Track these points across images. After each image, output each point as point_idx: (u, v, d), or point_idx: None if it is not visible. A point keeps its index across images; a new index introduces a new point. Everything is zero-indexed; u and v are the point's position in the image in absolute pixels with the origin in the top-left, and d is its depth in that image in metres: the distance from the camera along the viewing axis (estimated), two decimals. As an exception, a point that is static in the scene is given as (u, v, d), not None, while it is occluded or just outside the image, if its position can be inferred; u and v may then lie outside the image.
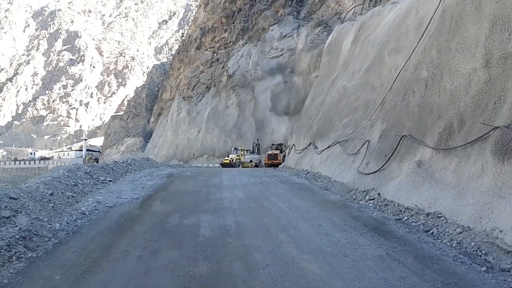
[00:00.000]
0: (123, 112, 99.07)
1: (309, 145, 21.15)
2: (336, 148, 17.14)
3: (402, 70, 13.37)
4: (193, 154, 66.89)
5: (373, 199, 10.11)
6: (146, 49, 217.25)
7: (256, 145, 48.84)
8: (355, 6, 58.99)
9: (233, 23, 69.57)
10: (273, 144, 47.24)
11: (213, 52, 70.36)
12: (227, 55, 68.56)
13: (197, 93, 70.05)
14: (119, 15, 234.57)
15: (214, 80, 68.42)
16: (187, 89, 71.58)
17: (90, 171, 15.26)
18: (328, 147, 17.86)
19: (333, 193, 12.13)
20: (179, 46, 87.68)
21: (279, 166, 30.38)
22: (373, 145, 13.04)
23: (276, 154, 44.61)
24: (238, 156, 42.36)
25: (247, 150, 46.15)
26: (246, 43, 67.12)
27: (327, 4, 63.21)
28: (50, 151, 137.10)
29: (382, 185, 10.50)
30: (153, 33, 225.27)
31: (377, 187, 10.61)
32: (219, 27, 70.19)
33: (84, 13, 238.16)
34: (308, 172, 19.17)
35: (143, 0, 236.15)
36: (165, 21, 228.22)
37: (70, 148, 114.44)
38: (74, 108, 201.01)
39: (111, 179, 15.56)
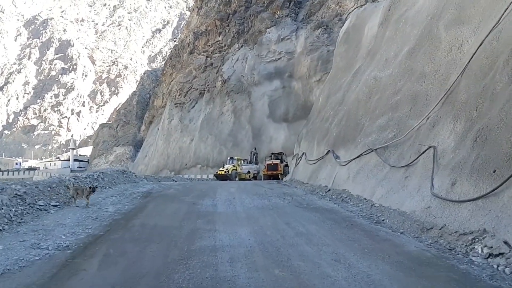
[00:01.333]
0: (112, 120, 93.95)
1: (326, 153, 16.40)
2: (371, 158, 12.41)
3: (486, 44, 8.73)
4: (186, 164, 61.93)
5: (499, 255, 5.32)
6: (139, 58, 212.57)
7: (254, 154, 44.05)
8: (357, 7, 54.85)
9: (228, 26, 65.10)
10: (272, 153, 42.43)
11: (207, 56, 65.76)
12: (221, 59, 63.97)
13: (190, 99, 65.26)
14: (112, 23, 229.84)
15: (208, 85, 63.73)
16: (179, 95, 66.78)
17: (24, 192, 10.36)
18: (359, 156, 13.12)
19: (400, 234, 7.31)
20: (171, 51, 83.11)
21: (283, 178, 25.53)
22: (448, 153, 8.31)
23: (277, 164, 39.80)
24: (234, 166, 37.50)
25: (244, 160, 41.28)
26: (241, 46, 62.62)
27: (327, 5, 59.01)
28: (40, 161, 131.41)
29: (502, 225, 5.74)
30: (146, 42, 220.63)
31: (494, 227, 5.84)
32: (213, 30, 65.68)
33: (76, 22, 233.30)
34: (329, 190, 14.41)
35: (136, 9, 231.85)
36: (159, 30, 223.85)
37: (58, 158, 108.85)
38: (66, 117, 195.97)
39: (57, 204, 10.68)
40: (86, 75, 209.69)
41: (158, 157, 66.82)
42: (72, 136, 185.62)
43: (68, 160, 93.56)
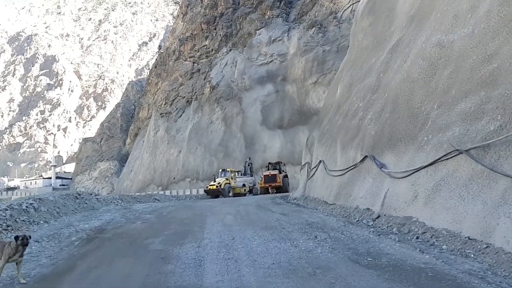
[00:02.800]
0: (95, 134, 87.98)
1: (362, 160, 11.20)
2: (459, 165, 7.26)
3: None
4: (174, 178, 56.33)
5: None
6: (126, 71, 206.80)
7: (248, 165, 38.75)
8: (353, 3, 50.31)
9: (215, 29, 60.09)
10: (269, 163, 37.17)
11: (194, 62, 60.55)
12: (209, 64, 58.84)
13: (177, 108, 59.83)
14: (97, 38, 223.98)
15: (195, 92, 58.44)
16: (165, 104, 61.31)
17: None
18: (433, 163, 7.93)
19: None
20: (156, 59, 77.84)
21: (291, 194, 20.16)
22: None
23: (275, 175, 34.56)
24: (227, 179, 32.03)
25: (237, 172, 35.85)
26: (230, 50, 57.61)
27: (320, 3, 54.42)
28: (21, 179, 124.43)
29: None
30: (133, 55, 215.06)
31: None
32: (199, 34, 60.60)
33: (61, 37, 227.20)
34: (378, 216, 9.23)
35: (122, 22, 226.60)
36: (145, 43, 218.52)
37: (41, 176, 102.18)
38: (52, 133, 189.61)
39: None
40: (72, 90, 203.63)
41: (144, 172, 61.10)
42: (58, 152, 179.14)
43: (50, 178, 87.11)
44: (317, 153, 15.81)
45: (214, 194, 31.14)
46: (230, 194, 31.25)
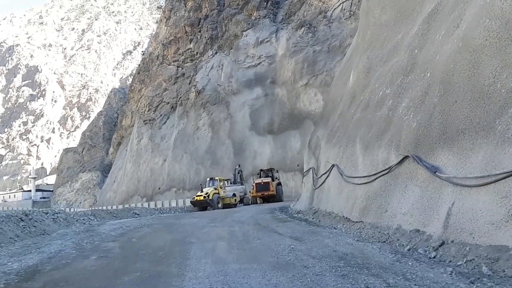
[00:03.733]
0: (77, 144, 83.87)
1: (400, 163, 8.17)
2: None
3: None
4: (159, 189, 52.85)
5: None
6: (110, 81, 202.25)
7: (238, 172, 35.60)
8: (343, 2, 47.86)
9: (200, 31, 57.10)
10: (261, 170, 34.10)
11: (178, 66, 57.36)
12: (194, 68, 55.72)
13: (161, 115, 56.46)
14: (81, 47, 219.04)
15: (180, 98, 55.20)
16: (148, 110, 57.88)
17: None
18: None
19: None
20: (139, 65, 74.43)
21: (293, 204, 17.03)
22: None
23: (268, 183, 31.50)
24: (216, 189, 28.73)
25: (227, 180, 32.58)
26: (216, 53, 54.63)
27: (309, 2, 51.87)
28: (5, 192, 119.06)
29: None
30: (117, 64, 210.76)
31: None
32: (183, 38, 57.51)
33: (44, 47, 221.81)
34: (443, 243, 6.22)
35: (105, 31, 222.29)
36: (130, 52, 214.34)
37: (22, 188, 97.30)
38: (35, 145, 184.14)
39: None
40: (55, 101, 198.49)
41: (127, 182, 57.42)
42: (42, 164, 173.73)
43: (29, 191, 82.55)
44: (326, 156, 12.76)
45: (201, 206, 27.90)
46: (220, 205, 28.04)
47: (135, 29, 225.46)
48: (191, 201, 28.97)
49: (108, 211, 21.82)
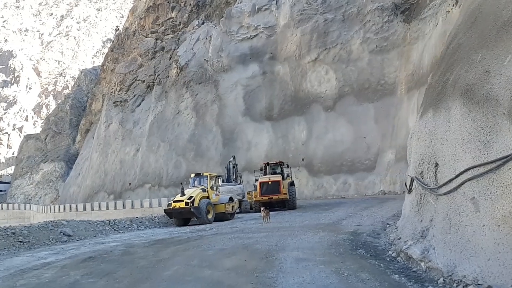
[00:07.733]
0: (40, 130, 71.56)
1: None
2: None
3: None
4: (129, 184, 41.77)
5: None
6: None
7: (233, 166, 25.07)
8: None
9: (184, -2, 46.03)
10: (267, 164, 23.45)
11: (157, 39, 46.12)
12: (176, 40, 44.62)
13: (134, 95, 45.17)
14: (59, 34, 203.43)
15: (158, 75, 44.05)
16: (119, 90, 46.46)
17: None
18: None
19: None
20: (113, 42, 62.67)
21: (387, 229, 6.61)
22: None
23: (278, 182, 20.93)
24: (204, 191, 17.84)
25: (218, 177, 21.48)
26: (203, 22, 43.66)
27: (316, -36, 41.29)
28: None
29: None
30: (96, 52, 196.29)
31: None
32: (164, 4, 46.29)
33: (20, 32, 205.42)
34: None
35: (85, 18, 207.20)
36: (110, 40, 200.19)
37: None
38: (7, 133, 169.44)
39: None
40: (30, 88, 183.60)
41: (92, 176, 46.04)
42: (13, 153, 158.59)
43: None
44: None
45: (181, 217, 17.23)
46: (210, 216, 17.30)
47: (116, 17, 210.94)
48: (165, 210, 17.96)
49: (35, 227, 11.04)
